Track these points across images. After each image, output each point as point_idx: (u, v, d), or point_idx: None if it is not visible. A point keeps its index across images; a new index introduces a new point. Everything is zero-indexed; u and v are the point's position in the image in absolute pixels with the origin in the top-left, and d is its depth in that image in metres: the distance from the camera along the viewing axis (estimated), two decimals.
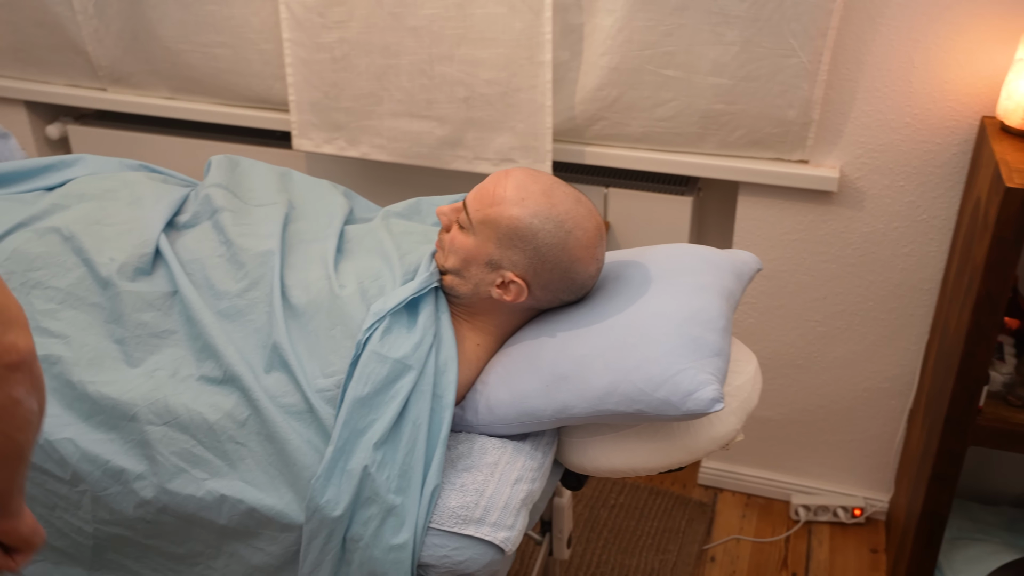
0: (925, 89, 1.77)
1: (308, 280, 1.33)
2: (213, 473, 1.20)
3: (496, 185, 1.29)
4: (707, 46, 1.76)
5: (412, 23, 1.84)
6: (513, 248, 1.27)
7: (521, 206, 1.26)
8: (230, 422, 1.21)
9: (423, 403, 1.20)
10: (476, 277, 1.30)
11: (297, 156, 2.22)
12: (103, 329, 1.32)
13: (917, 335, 2.01)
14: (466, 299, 1.33)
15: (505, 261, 1.28)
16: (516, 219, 1.26)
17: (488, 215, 1.27)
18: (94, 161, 1.65)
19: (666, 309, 1.25)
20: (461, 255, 1.30)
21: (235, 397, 1.23)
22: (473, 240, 1.29)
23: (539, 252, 1.27)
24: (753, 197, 1.96)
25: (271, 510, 1.17)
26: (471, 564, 1.16)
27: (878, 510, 2.24)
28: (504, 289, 1.30)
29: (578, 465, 1.31)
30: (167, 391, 1.24)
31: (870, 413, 2.14)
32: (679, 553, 2.14)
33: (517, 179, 1.29)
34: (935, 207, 1.87)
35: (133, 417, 1.22)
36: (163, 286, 1.35)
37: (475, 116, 1.91)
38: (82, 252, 1.36)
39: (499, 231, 1.27)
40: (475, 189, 1.32)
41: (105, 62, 2.23)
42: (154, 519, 1.22)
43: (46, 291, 1.33)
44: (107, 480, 1.22)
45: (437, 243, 1.36)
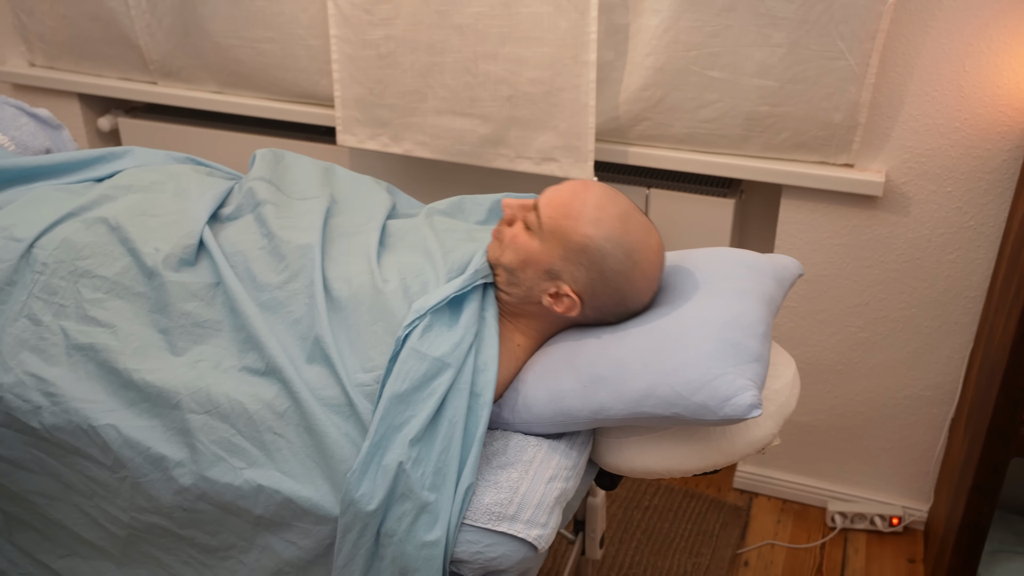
0: (976, 94, 1.74)
1: (350, 273, 1.34)
2: (251, 463, 1.22)
3: (574, 197, 1.28)
4: (754, 47, 1.75)
5: (458, 21, 1.85)
6: (578, 264, 1.27)
7: (596, 226, 1.26)
8: (269, 413, 1.23)
9: (460, 401, 1.21)
10: (530, 281, 1.31)
11: (341, 152, 2.25)
12: (148, 319, 1.34)
13: (961, 343, 1.98)
14: (515, 301, 1.34)
15: (565, 274, 1.28)
16: (589, 238, 1.26)
17: (561, 225, 1.27)
18: (142, 153, 1.69)
19: (706, 313, 1.24)
20: (521, 255, 1.30)
21: (275, 388, 1.25)
22: (538, 244, 1.29)
23: (602, 275, 1.28)
24: (796, 200, 1.95)
25: (307, 501, 1.19)
26: (504, 561, 1.17)
27: (916, 519, 2.21)
28: (556, 300, 1.30)
29: (613, 465, 1.31)
30: (209, 380, 1.26)
31: (910, 421, 2.11)
32: (712, 557, 2.13)
33: (597, 197, 1.28)
34: (983, 214, 1.84)
35: (176, 405, 1.25)
36: (207, 277, 1.37)
37: (518, 115, 1.91)
38: (128, 242, 1.39)
39: (568, 244, 1.27)
40: (551, 193, 1.31)
41: (156, 56, 2.27)
42: (191, 507, 1.24)
43: (93, 280, 1.36)
44: (147, 466, 1.24)
45: (494, 233, 1.36)
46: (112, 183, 1.55)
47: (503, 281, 1.33)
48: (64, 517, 1.34)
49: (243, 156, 2.31)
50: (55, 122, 1.89)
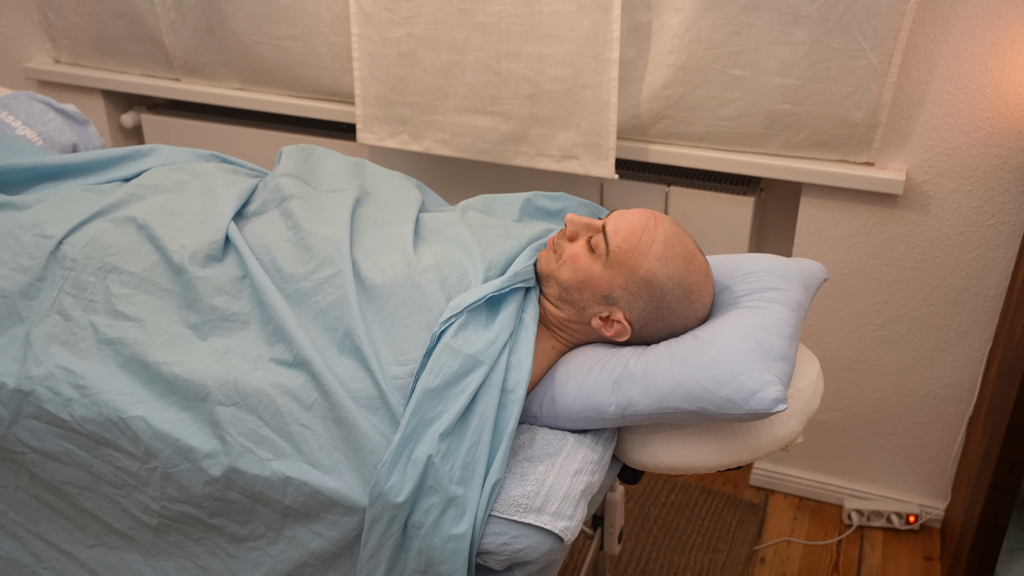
0: (998, 93, 1.75)
1: (385, 263, 1.35)
2: (278, 454, 1.23)
3: (646, 231, 1.30)
4: (775, 46, 1.76)
5: (480, 19, 1.86)
6: (637, 296, 1.30)
7: (663, 264, 1.29)
8: (296, 405, 1.24)
9: (491, 397, 1.22)
10: (584, 302, 1.32)
11: (361, 149, 2.26)
12: (177, 315, 1.36)
13: (980, 342, 1.98)
14: (561, 316, 1.35)
15: (622, 302, 1.30)
16: (654, 274, 1.29)
17: (629, 257, 1.29)
18: (168, 151, 1.70)
19: (734, 317, 1.27)
20: (581, 275, 1.31)
21: (303, 380, 1.26)
22: (600, 269, 1.30)
23: (659, 310, 1.30)
24: (816, 199, 1.95)
25: (335, 493, 1.20)
26: (530, 552, 1.18)
27: (933, 517, 2.22)
28: (606, 324, 1.32)
29: (637, 461, 1.32)
30: (237, 372, 1.27)
31: (928, 419, 2.12)
32: (729, 553, 2.14)
33: (667, 234, 1.31)
34: (1004, 212, 1.84)
35: (204, 397, 1.26)
36: (233, 271, 1.39)
37: (539, 112, 1.93)
38: (155, 240, 1.41)
39: (633, 276, 1.29)
40: (619, 219, 1.32)
41: (180, 53, 2.29)
42: (222, 496, 1.26)
43: (121, 275, 1.38)
44: (177, 457, 1.26)
45: (551, 244, 1.37)
46: (139, 182, 1.56)
47: (554, 295, 1.35)
48: (96, 507, 1.35)
49: (265, 152, 2.33)
50: (82, 118, 1.91)
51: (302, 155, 1.61)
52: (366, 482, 1.20)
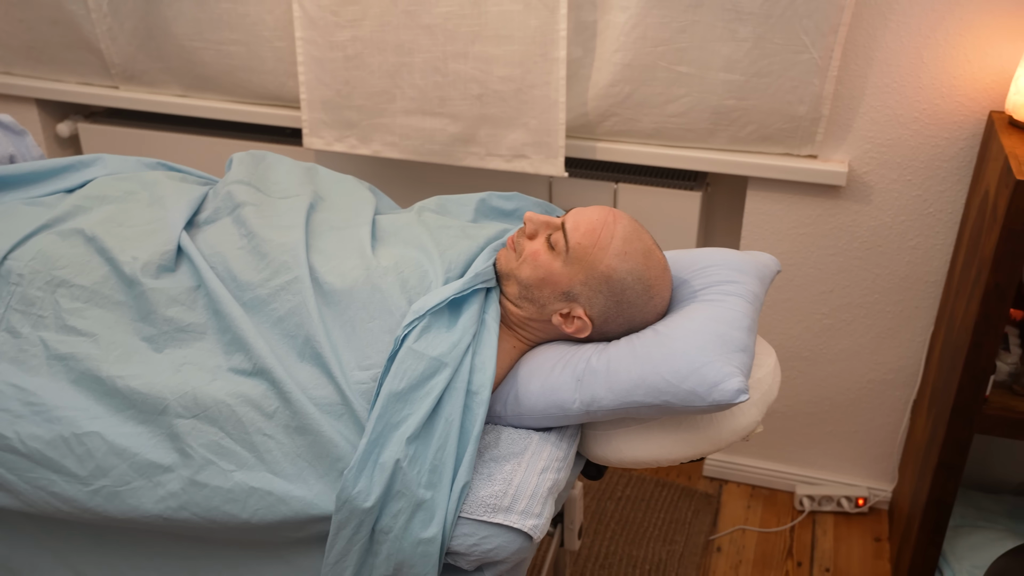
0: (934, 84, 1.80)
1: (344, 267, 1.34)
2: (241, 465, 1.21)
3: (605, 227, 1.31)
4: (720, 42, 1.79)
5: (426, 21, 1.86)
6: (598, 292, 1.30)
7: (623, 259, 1.30)
8: (258, 414, 1.23)
9: (456, 400, 1.22)
10: (545, 299, 1.33)
11: (307, 154, 2.24)
12: (131, 327, 1.33)
13: (922, 327, 2.04)
14: (522, 314, 1.35)
15: (583, 299, 1.31)
16: (614, 270, 1.30)
17: (590, 253, 1.30)
18: (112, 161, 1.66)
19: (693, 311, 1.29)
20: (541, 273, 1.32)
21: (263, 389, 1.24)
22: (560, 266, 1.31)
23: (619, 305, 1.31)
24: (762, 192, 1.99)
25: (300, 501, 1.19)
26: (500, 551, 1.18)
27: (881, 500, 2.28)
28: (567, 320, 1.33)
29: (601, 457, 1.33)
30: (195, 383, 1.25)
31: (874, 404, 2.17)
32: (686, 544, 2.17)
33: (626, 230, 1.32)
34: (942, 200, 1.90)
35: (163, 410, 1.24)
36: (187, 281, 1.36)
37: (488, 113, 1.93)
38: (105, 252, 1.38)
39: (593, 272, 1.30)
40: (578, 216, 1.33)
41: (118, 60, 2.24)
42: (172, 516, 1.22)
43: (71, 289, 1.35)
44: (132, 474, 1.23)
45: (510, 243, 1.37)
46: (84, 193, 1.52)
47: (514, 294, 1.35)
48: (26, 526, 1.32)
49: (210, 159, 2.29)
50: (18, 128, 1.85)
51: (253, 161, 1.59)
52: (332, 489, 1.19)
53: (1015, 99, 1.68)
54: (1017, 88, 1.68)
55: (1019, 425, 1.71)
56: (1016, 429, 1.72)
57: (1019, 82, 1.67)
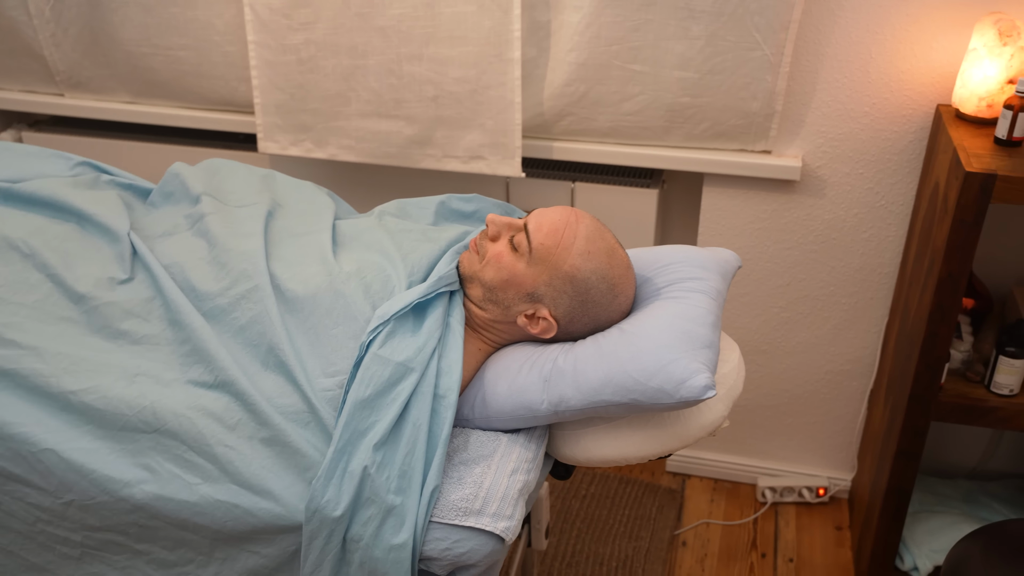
0: (882, 79, 1.83)
1: (305, 274, 1.33)
2: (206, 478, 1.19)
3: (567, 227, 1.30)
4: (673, 40, 1.80)
5: (380, 23, 1.84)
6: (562, 292, 1.30)
7: (587, 259, 1.30)
8: (220, 426, 1.21)
9: (423, 404, 1.21)
10: (509, 301, 1.32)
11: (262, 159, 2.21)
12: (79, 340, 1.29)
13: (877, 317, 2.08)
14: (487, 316, 1.35)
15: (547, 299, 1.31)
16: (578, 270, 1.29)
17: (553, 253, 1.29)
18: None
19: (658, 308, 1.30)
20: (505, 274, 1.31)
21: (225, 401, 1.22)
22: (524, 267, 1.30)
23: (584, 305, 1.31)
24: (718, 188, 2.01)
25: (268, 513, 1.17)
26: (473, 555, 1.18)
27: (841, 489, 2.31)
28: (532, 321, 1.33)
29: (570, 456, 1.33)
30: (152, 397, 1.23)
31: (832, 395, 2.20)
32: (651, 539, 2.18)
33: (588, 229, 1.31)
34: (893, 193, 1.93)
35: (122, 426, 1.21)
36: (143, 292, 1.34)
37: (444, 114, 1.92)
38: (46, 268, 1.34)
39: (556, 272, 1.29)
40: (541, 218, 1.32)
41: (63, 67, 2.19)
42: (146, 523, 1.21)
43: (9, 306, 1.30)
44: (94, 489, 1.20)
45: (473, 245, 1.37)
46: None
47: (478, 296, 1.34)
48: (10, 543, 1.28)
49: (160, 167, 2.24)
50: None
51: (207, 173, 1.56)
52: (301, 499, 1.17)
53: (961, 93, 1.72)
54: (963, 82, 1.71)
55: (973, 411, 1.75)
56: (971, 415, 1.75)
57: (964, 76, 1.71)
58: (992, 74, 1.66)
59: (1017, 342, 1.71)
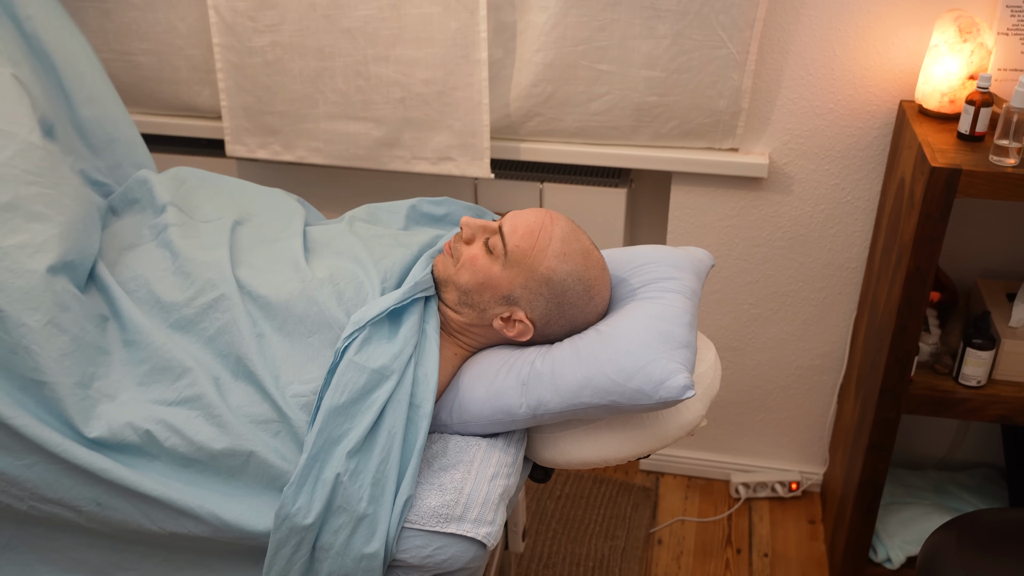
0: (846, 76, 1.85)
1: (277, 280, 1.31)
2: (170, 476, 1.18)
3: (543, 229, 1.29)
4: (639, 40, 1.80)
5: (346, 25, 1.83)
6: (538, 295, 1.29)
7: (563, 260, 1.29)
8: (179, 439, 1.19)
9: (399, 413, 1.20)
10: (485, 304, 1.31)
11: (229, 164, 2.18)
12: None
13: (846, 312, 2.10)
14: (463, 320, 1.34)
15: (523, 302, 1.30)
16: (554, 271, 1.28)
17: (529, 255, 1.28)
18: None
19: (634, 309, 1.29)
20: (480, 277, 1.30)
21: (186, 414, 1.20)
22: (499, 270, 1.29)
23: (560, 307, 1.30)
24: (686, 186, 2.01)
25: (235, 520, 1.16)
26: (454, 561, 1.17)
27: (814, 483, 2.33)
28: (508, 324, 1.31)
29: (549, 459, 1.33)
30: (109, 418, 1.19)
31: (803, 390, 2.22)
32: (627, 538, 2.19)
33: (564, 231, 1.31)
34: (859, 189, 1.95)
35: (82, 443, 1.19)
36: (95, 308, 1.29)
37: (412, 116, 1.91)
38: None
39: (532, 275, 1.28)
40: (516, 220, 1.31)
41: None
42: (105, 503, 1.17)
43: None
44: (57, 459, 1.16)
45: (447, 248, 1.35)
46: None
47: (453, 300, 1.33)
48: None
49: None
50: None
51: (175, 182, 1.54)
52: (268, 507, 1.16)
53: (923, 89, 1.74)
54: (925, 78, 1.73)
55: (943, 403, 1.77)
56: (940, 407, 1.77)
57: (926, 73, 1.73)
58: (953, 70, 1.68)
59: (983, 334, 1.73)
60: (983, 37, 1.67)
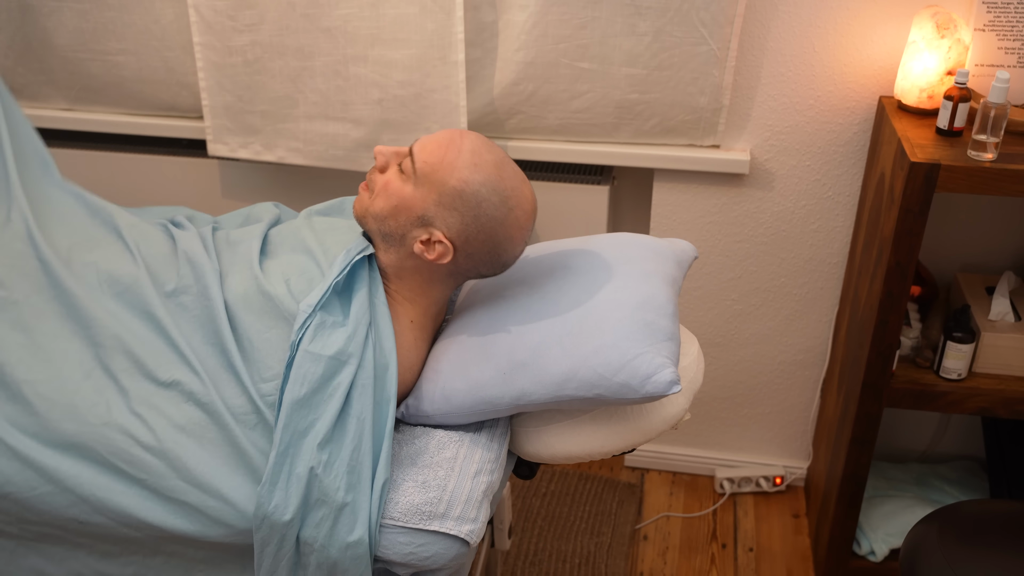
0: (826, 72, 1.86)
1: (234, 282, 1.31)
2: (151, 473, 1.18)
3: (451, 144, 1.25)
4: (620, 37, 1.81)
5: (325, 24, 1.82)
6: (452, 210, 1.25)
7: (474, 171, 1.24)
8: (169, 424, 1.20)
9: (366, 397, 1.20)
10: (403, 228, 1.27)
11: (210, 164, 2.17)
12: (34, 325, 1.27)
13: (827, 307, 2.11)
14: (392, 260, 1.31)
15: (439, 220, 1.25)
16: (465, 182, 1.24)
17: (437, 170, 1.24)
18: None
19: (618, 296, 1.27)
20: (394, 200, 1.26)
21: (177, 400, 1.22)
22: (411, 189, 1.26)
23: (477, 221, 1.25)
24: (668, 183, 2.02)
25: (217, 511, 1.17)
26: (438, 559, 1.17)
27: (797, 477, 2.34)
28: (428, 247, 1.27)
29: (533, 454, 1.33)
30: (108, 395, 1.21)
31: (786, 385, 2.23)
32: (613, 535, 2.19)
33: (473, 144, 1.26)
34: (839, 184, 1.96)
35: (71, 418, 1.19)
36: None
37: (390, 117, 1.90)
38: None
39: (444, 189, 1.24)
40: (426, 139, 1.28)
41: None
42: (88, 519, 1.18)
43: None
44: (37, 480, 1.17)
45: (364, 184, 1.32)
46: None
47: (376, 235, 1.30)
48: None
49: (100, 175, 2.20)
50: None
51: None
52: (249, 501, 1.16)
53: (902, 84, 1.75)
54: (903, 74, 1.74)
55: (924, 396, 1.78)
56: (922, 400, 1.78)
57: (905, 68, 1.74)
58: (932, 66, 1.69)
59: (964, 328, 1.75)
60: (960, 33, 1.68)
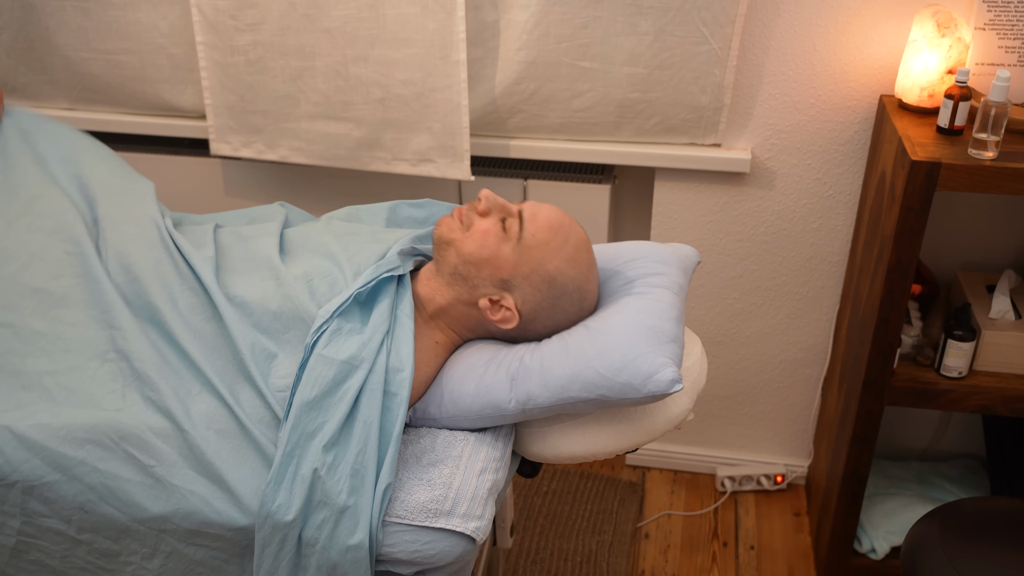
0: (827, 71, 1.86)
1: (252, 280, 1.32)
2: (162, 461, 1.18)
3: (561, 228, 1.30)
4: (622, 37, 1.81)
5: (326, 24, 1.82)
6: (535, 289, 1.30)
7: (571, 265, 1.30)
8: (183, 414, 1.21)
9: (374, 401, 1.20)
10: (479, 281, 1.30)
11: (213, 164, 2.17)
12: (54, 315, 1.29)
13: (828, 306, 2.11)
14: (443, 299, 1.33)
15: (518, 291, 1.30)
16: (561, 273, 1.30)
17: (543, 248, 1.29)
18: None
19: (622, 304, 1.30)
20: (486, 253, 1.29)
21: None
22: (508, 252, 1.29)
23: (552, 308, 1.31)
24: (669, 182, 2.02)
25: (223, 503, 1.17)
26: (444, 556, 1.17)
27: (798, 475, 2.35)
28: (493, 307, 1.31)
29: (537, 454, 1.33)
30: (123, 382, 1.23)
31: (787, 383, 2.24)
32: (614, 533, 2.20)
33: (580, 238, 1.33)
34: (840, 183, 1.97)
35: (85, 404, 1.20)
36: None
37: (391, 117, 1.91)
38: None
39: (538, 268, 1.29)
40: (538, 211, 1.31)
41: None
42: (93, 509, 1.18)
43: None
44: (45, 468, 1.18)
45: (457, 213, 1.34)
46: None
47: (446, 266, 1.32)
48: None
49: None
50: None
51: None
52: (256, 494, 1.17)
53: (903, 83, 1.75)
54: (904, 73, 1.75)
55: (925, 394, 1.79)
56: (922, 398, 1.79)
57: (905, 67, 1.74)
58: (932, 65, 1.70)
59: (964, 326, 1.75)
60: (961, 32, 1.68)
